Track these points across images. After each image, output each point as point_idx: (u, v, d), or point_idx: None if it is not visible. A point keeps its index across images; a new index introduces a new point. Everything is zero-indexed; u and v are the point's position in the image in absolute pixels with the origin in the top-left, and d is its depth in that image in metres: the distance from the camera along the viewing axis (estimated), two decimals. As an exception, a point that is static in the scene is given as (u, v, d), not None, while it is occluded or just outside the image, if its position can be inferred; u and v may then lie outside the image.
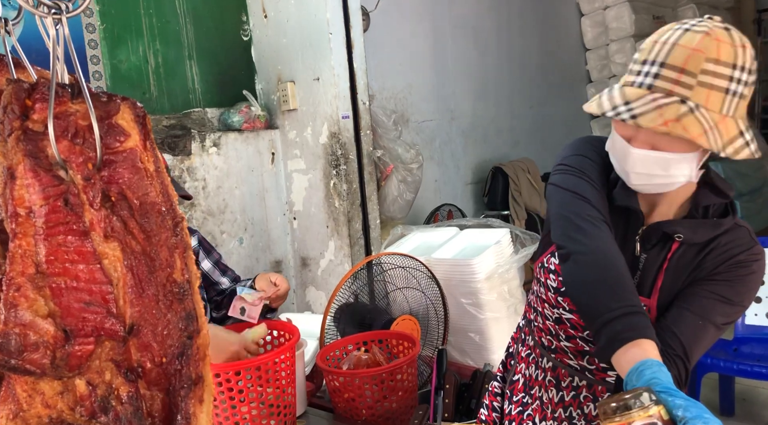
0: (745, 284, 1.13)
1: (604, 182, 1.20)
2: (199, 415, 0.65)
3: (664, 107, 0.98)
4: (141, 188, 0.63)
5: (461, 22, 4.54)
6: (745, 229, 1.16)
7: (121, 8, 2.70)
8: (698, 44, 0.99)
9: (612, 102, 1.04)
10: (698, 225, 1.13)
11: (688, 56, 0.99)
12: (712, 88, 0.99)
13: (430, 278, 2.15)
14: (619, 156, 1.10)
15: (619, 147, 1.09)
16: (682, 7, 5.96)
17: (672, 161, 1.03)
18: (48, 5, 0.58)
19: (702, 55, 0.98)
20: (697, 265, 1.15)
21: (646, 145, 1.04)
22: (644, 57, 1.05)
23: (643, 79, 1.03)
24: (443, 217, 4.16)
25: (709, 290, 1.12)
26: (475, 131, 4.74)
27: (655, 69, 1.02)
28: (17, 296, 0.58)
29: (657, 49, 1.03)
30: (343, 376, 1.58)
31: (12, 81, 0.59)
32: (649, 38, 1.07)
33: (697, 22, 1.04)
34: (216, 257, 1.93)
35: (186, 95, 2.96)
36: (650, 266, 1.18)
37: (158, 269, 0.64)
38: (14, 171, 0.58)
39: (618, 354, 0.97)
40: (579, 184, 1.17)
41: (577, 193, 1.15)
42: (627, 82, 1.06)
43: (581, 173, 1.18)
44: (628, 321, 0.99)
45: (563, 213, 1.15)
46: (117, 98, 0.63)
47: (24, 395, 0.60)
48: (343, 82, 2.92)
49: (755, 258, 1.14)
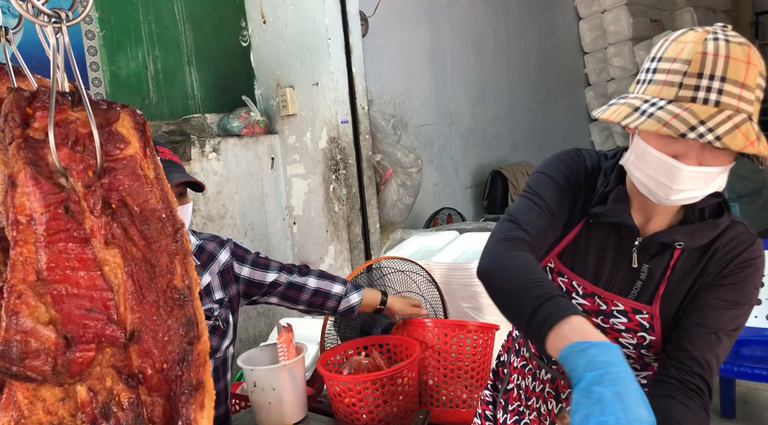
0: (750, 284, 1.13)
1: (562, 199, 1.18)
2: (200, 421, 0.65)
3: (741, 126, 0.95)
4: (141, 194, 0.63)
5: (459, 27, 4.55)
6: (742, 225, 1.15)
7: (121, 15, 2.71)
8: (749, 57, 0.97)
9: (682, 121, 0.96)
10: (696, 229, 1.12)
11: (746, 71, 0.96)
12: (758, 103, 0.99)
13: (429, 282, 2.15)
14: (659, 172, 1.03)
15: (660, 164, 1.02)
16: (679, 10, 5.98)
17: (715, 175, 1.01)
18: (48, 14, 0.59)
19: (756, 68, 0.97)
20: (701, 270, 1.15)
21: (696, 162, 1.00)
22: (697, 70, 0.97)
23: (706, 95, 0.97)
24: (443, 221, 4.16)
25: (717, 298, 1.11)
26: (474, 134, 4.75)
27: (718, 84, 0.96)
28: (18, 303, 0.58)
29: (710, 62, 0.96)
30: (344, 381, 1.58)
31: (13, 89, 0.59)
32: (688, 48, 0.99)
33: (723, 32, 1.00)
34: (252, 258, 1.75)
35: (185, 101, 2.97)
36: (653, 275, 1.17)
37: (159, 276, 0.64)
38: (15, 179, 0.59)
39: (550, 336, 0.93)
40: (521, 206, 1.18)
41: (510, 215, 1.17)
42: (682, 96, 0.98)
43: (533, 194, 1.18)
44: (550, 304, 0.96)
45: (490, 238, 1.15)
46: (117, 106, 0.63)
47: (25, 402, 0.60)
48: (342, 87, 2.93)
49: (758, 254, 1.13)
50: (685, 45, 1.00)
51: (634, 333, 1.19)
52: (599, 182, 1.19)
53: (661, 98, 1.01)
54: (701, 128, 0.95)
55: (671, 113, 0.97)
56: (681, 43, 1.01)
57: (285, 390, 1.56)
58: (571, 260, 1.22)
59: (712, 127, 0.94)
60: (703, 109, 0.96)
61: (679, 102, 0.98)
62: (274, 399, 1.56)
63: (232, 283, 1.69)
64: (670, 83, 1.00)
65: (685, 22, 5.88)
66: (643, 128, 0.99)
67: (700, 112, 0.96)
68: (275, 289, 1.74)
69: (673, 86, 1.00)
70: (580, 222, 1.21)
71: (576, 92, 5.84)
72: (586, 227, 1.20)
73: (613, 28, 5.61)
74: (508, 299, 1.04)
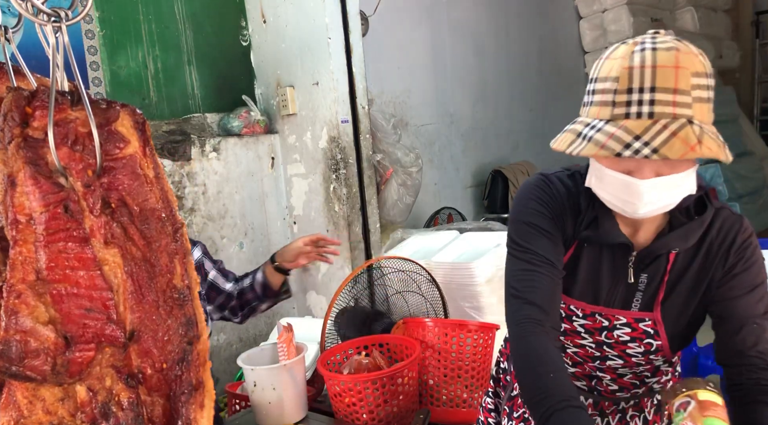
0: (756, 262, 1.13)
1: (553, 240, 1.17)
2: (200, 420, 0.65)
3: (678, 132, 0.94)
4: (141, 194, 0.63)
5: (460, 26, 4.54)
6: (725, 210, 1.15)
7: (121, 14, 2.71)
8: (677, 62, 0.96)
9: (617, 141, 0.96)
10: (687, 231, 1.12)
11: (676, 75, 0.95)
12: (701, 101, 0.97)
13: (430, 282, 2.15)
14: (619, 191, 1.04)
15: (617, 183, 1.03)
16: (680, 9, 5.97)
17: (679, 181, 1.01)
18: (48, 13, 0.58)
19: (687, 70, 0.95)
20: (700, 268, 1.14)
21: (652, 174, 1.00)
22: (626, 86, 0.98)
23: (639, 109, 0.96)
24: (443, 220, 4.16)
25: (734, 288, 1.11)
26: (474, 134, 4.74)
27: (648, 96, 0.96)
28: (18, 303, 0.58)
29: (638, 75, 0.96)
30: (344, 381, 1.58)
31: (12, 89, 0.59)
32: (614, 66, 1.00)
33: (652, 40, 1.00)
34: (218, 265, 1.93)
35: (185, 101, 2.97)
36: (651, 283, 1.17)
37: (158, 275, 0.64)
38: (15, 178, 0.59)
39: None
40: (517, 274, 1.18)
41: (514, 289, 1.17)
42: (617, 114, 0.99)
43: (523, 251, 1.17)
44: (562, 416, 1.01)
45: (507, 321, 1.18)
46: (116, 105, 0.63)
47: (25, 401, 0.60)
48: (342, 87, 2.93)
49: (749, 232, 1.14)
50: (614, 62, 1.00)
51: (640, 341, 1.19)
52: (583, 204, 1.17)
53: (600, 119, 1.01)
54: (636, 143, 0.95)
55: (607, 134, 0.97)
56: (612, 60, 1.01)
57: (285, 390, 1.56)
58: (567, 284, 1.21)
59: (648, 140, 0.94)
60: (637, 123, 0.96)
61: (615, 121, 0.99)
62: (275, 399, 1.56)
63: (204, 280, 1.86)
64: (605, 103, 1.01)
65: (686, 22, 5.88)
66: (583, 154, 1.00)
67: (635, 127, 0.96)
68: (228, 299, 1.90)
69: (608, 106, 1.00)
70: (572, 246, 1.20)
71: (576, 92, 5.82)
72: (579, 250, 1.20)
73: (613, 27, 5.60)
74: (527, 397, 1.10)
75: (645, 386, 1.26)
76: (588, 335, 1.22)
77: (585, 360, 1.26)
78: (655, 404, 1.29)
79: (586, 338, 1.22)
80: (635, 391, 1.27)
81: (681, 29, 5.75)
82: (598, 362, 1.24)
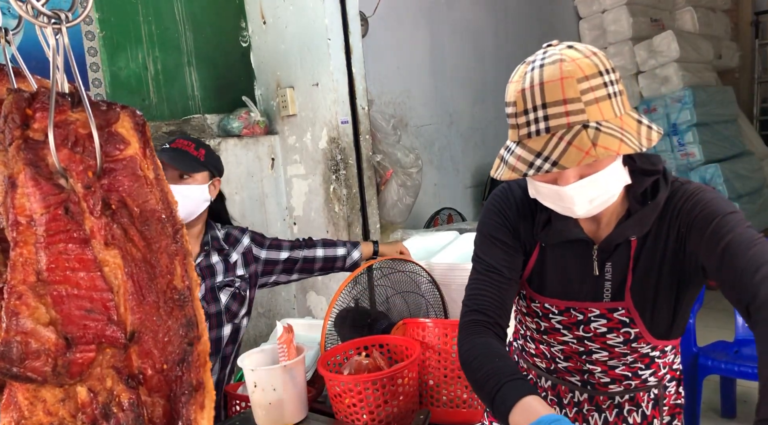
0: (715, 202, 1.10)
1: (506, 248, 1.25)
2: (200, 421, 0.65)
3: (574, 140, 0.99)
4: (141, 195, 0.63)
5: (459, 27, 4.55)
6: (676, 182, 1.15)
7: (121, 16, 2.71)
8: (561, 73, 1.01)
9: (523, 161, 1.03)
10: (642, 217, 1.14)
11: (561, 86, 1.00)
12: (599, 101, 1.01)
13: (430, 283, 2.15)
14: (554, 199, 1.10)
15: (550, 193, 1.09)
16: (679, 9, 5.97)
17: (604, 177, 1.05)
18: (48, 15, 0.59)
19: (572, 79, 1.00)
20: (671, 248, 1.14)
21: (574, 178, 1.05)
22: (522, 108, 1.04)
23: (536, 127, 1.03)
24: (443, 221, 4.16)
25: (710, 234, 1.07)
26: (474, 134, 4.75)
27: (541, 113, 1.02)
28: (18, 304, 0.58)
29: (529, 96, 1.03)
30: (344, 381, 1.58)
31: (12, 91, 0.59)
32: (511, 90, 1.08)
33: (542, 55, 1.06)
34: (268, 242, 2.09)
35: (185, 102, 2.97)
36: (617, 272, 1.19)
37: (159, 276, 0.64)
38: (15, 180, 0.59)
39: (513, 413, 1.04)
40: (472, 283, 1.27)
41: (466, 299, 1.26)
42: (522, 136, 1.06)
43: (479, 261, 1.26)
44: (512, 385, 1.07)
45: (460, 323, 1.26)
46: (116, 107, 0.63)
47: (26, 402, 0.60)
48: (342, 88, 2.93)
49: (700, 188, 1.13)
50: (511, 86, 1.09)
51: (617, 330, 1.21)
52: (535, 208, 1.23)
53: (513, 141, 1.09)
54: (537, 160, 1.01)
55: (516, 156, 1.06)
56: (511, 84, 1.10)
57: (285, 391, 1.57)
58: (539, 283, 1.27)
59: (548, 155, 1.01)
60: (537, 141, 1.03)
61: (521, 142, 1.06)
62: (275, 400, 1.56)
63: (252, 263, 2.04)
64: (513, 126, 1.09)
65: (685, 22, 5.88)
66: (503, 178, 1.08)
67: (535, 145, 1.03)
68: (293, 266, 2.10)
69: (515, 128, 1.08)
70: (535, 248, 1.26)
71: (576, 92, 5.83)
72: (542, 251, 1.25)
73: (613, 27, 5.61)
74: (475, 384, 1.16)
75: (638, 378, 1.26)
76: (567, 331, 1.25)
77: (572, 355, 1.28)
78: (653, 398, 1.29)
79: (566, 334, 1.26)
80: (628, 383, 1.27)
81: (680, 29, 5.75)
82: (585, 356, 1.26)
